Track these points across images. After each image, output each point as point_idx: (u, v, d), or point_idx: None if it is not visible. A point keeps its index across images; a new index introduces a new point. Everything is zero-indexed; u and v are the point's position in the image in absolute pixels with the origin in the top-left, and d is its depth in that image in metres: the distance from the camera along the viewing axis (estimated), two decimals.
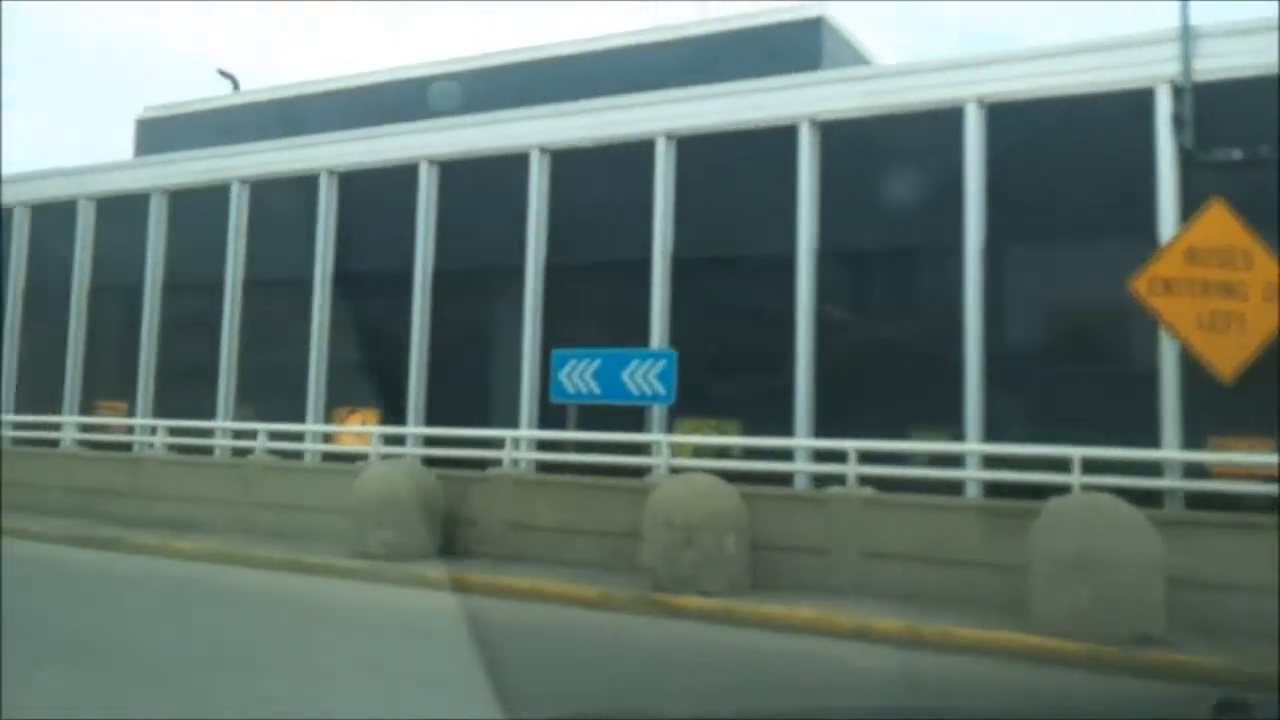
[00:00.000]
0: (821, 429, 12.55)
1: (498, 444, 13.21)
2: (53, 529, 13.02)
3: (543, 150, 14.72)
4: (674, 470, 10.67)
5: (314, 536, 12.03)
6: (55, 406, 17.68)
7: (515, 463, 11.99)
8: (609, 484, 11.08)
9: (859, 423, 12.46)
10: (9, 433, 17.10)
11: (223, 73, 29.35)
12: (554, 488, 11.21)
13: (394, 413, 15.08)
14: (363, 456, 12.49)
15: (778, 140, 13.48)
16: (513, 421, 14.14)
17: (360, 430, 13.87)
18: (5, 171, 19.54)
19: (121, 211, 18.10)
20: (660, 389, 10.93)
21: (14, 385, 18.67)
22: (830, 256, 12.98)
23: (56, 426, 16.22)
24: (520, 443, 12.15)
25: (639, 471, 11.95)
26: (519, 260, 14.58)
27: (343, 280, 16.09)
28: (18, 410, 18.24)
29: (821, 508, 9.88)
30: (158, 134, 22.19)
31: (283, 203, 16.92)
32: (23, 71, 58.74)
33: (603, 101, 14.69)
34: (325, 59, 55.42)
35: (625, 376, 11.10)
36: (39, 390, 18.52)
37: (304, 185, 16.42)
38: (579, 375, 11.37)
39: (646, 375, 10.97)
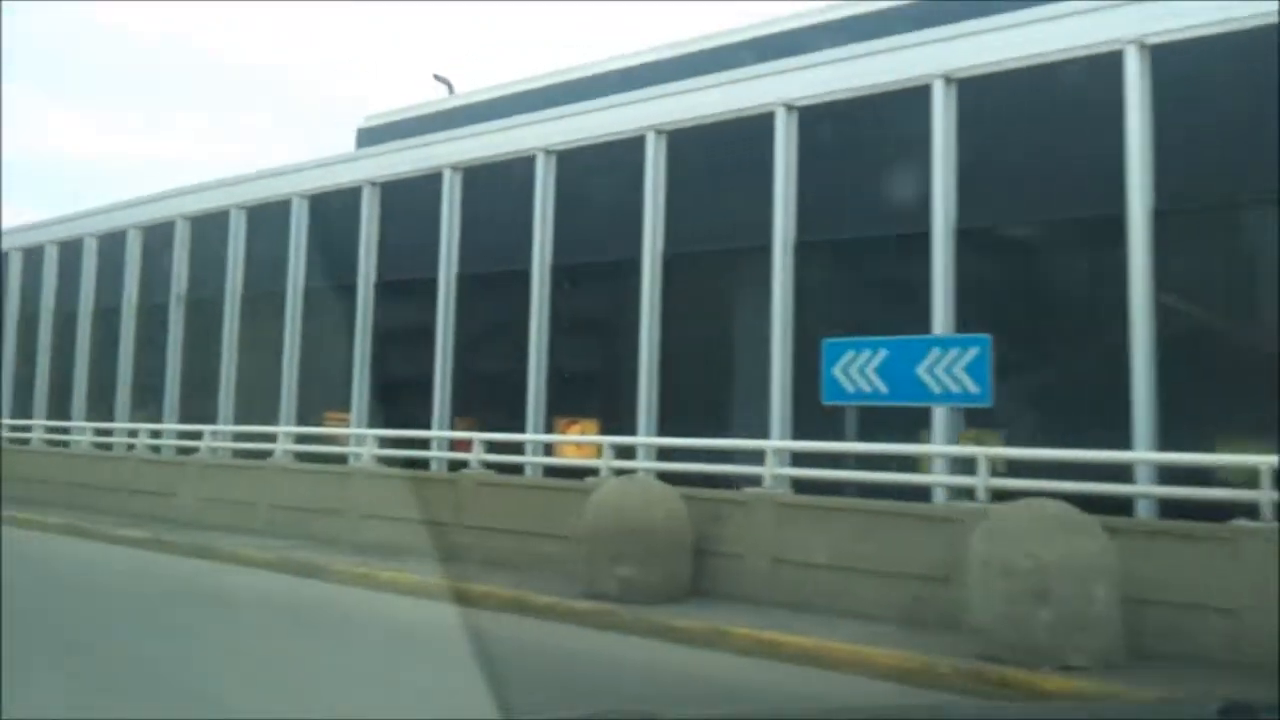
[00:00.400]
0: (1165, 439, 9.57)
1: (746, 456, 10.85)
2: (254, 551, 11.49)
3: (789, 108, 12.23)
4: (997, 494, 7.93)
5: (536, 566, 9.95)
6: (272, 416, 16.54)
7: (774, 481, 9.49)
8: (907, 510, 8.44)
9: (1213, 434, 9.48)
10: (225, 444, 16.00)
11: (438, 77, 28.46)
12: (832, 514, 8.66)
13: (621, 420, 12.96)
14: (592, 471, 10.32)
15: (1094, 73, 10.53)
16: (761, 428, 11.72)
17: (583, 440, 11.75)
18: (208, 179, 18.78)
19: (333, 208, 16.82)
20: (971, 385, 8.22)
21: (232, 394, 17.71)
22: (1176, 218, 9.94)
23: (272, 438, 14.86)
24: (777, 456, 9.64)
25: (932, 494, 9.32)
26: (764, 238, 12.13)
27: (563, 271, 14.10)
28: (236, 421, 17.26)
29: (1227, 548, 6.92)
30: (378, 141, 21.07)
31: (497, 188, 15.12)
32: (233, 90, 61.08)
33: (861, 47, 12.06)
34: (533, 58, 54.79)
35: (921, 371, 8.46)
36: (256, 399, 17.49)
37: (519, 168, 14.54)
38: (859, 370, 8.81)
39: (952, 368, 8.30)
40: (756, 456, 10.43)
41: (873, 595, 8.10)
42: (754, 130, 12.52)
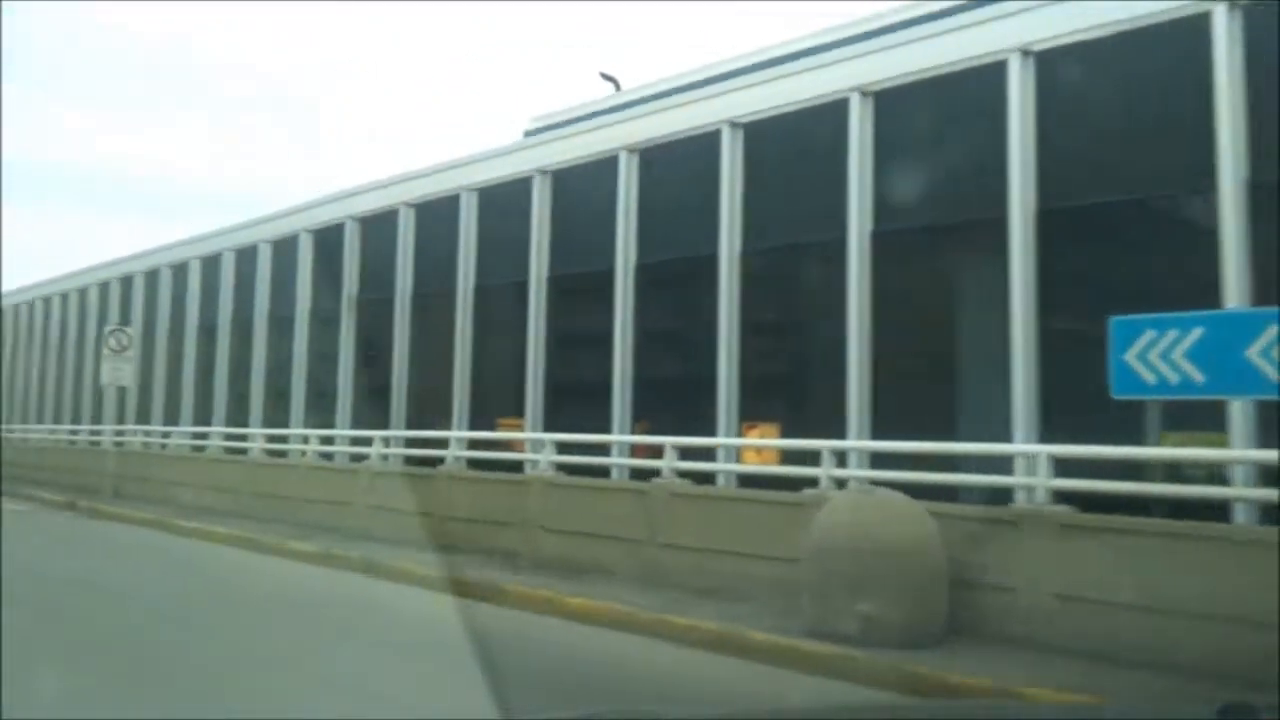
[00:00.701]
0: None
1: (986, 463, 8.91)
2: (420, 568, 10.15)
3: (1025, 53, 10.18)
4: None
5: (745, 594, 8.23)
6: (444, 421, 15.38)
7: (1048, 495, 7.47)
8: (1253, 536, 6.36)
9: None
10: (397, 450, 14.92)
11: (605, 75, 27.26)
12: (1138, 539, 6.61)
13: (821, 422, 11.15)
14: (809, 481, 8.52)
15: None
16: (999, 430, 9.72)
17: (773, 446, 9.95)
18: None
19: (503, 201, 15.58)
20: None
21: (404, 398, 16.68)
22: None
23: (443, 444, 13.59)
24: (1042, 463, 7.60)
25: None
26: (998, 208, 10.12)
27: (754, 257, 12.37)
28: (408, 426, 16.20)
29: None
30: None
31: (677, 170, 13.53)
32: (403, 97, 61.71)
33: None
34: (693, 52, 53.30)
35: (1253, 353, 6.36)
36: (428, 403, 16.42)
37: (703, 144, 12.89)
38: (1162, 355, 6.76)
39: None
40: (1003, 463, 8.55)
41: (1208, 647, 6.04)
42: (981, 84, 10.55)
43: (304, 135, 65.23)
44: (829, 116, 11.64)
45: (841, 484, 8.48)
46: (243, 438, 18.13)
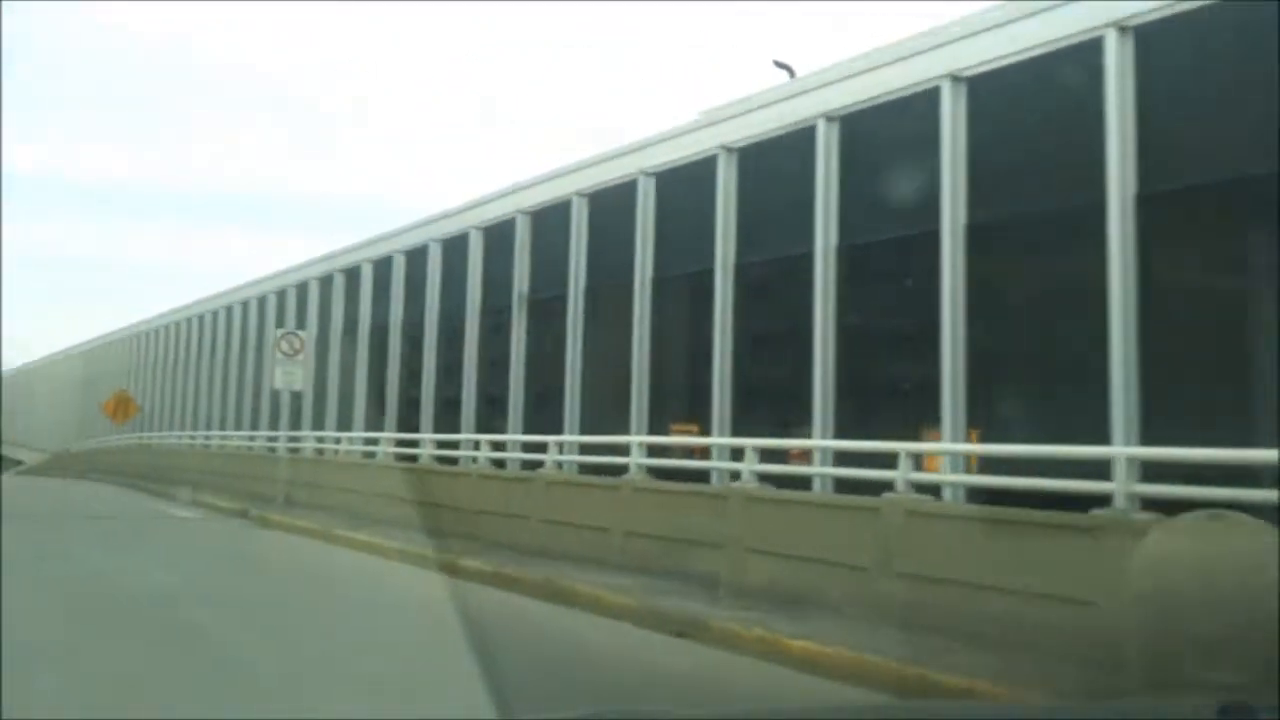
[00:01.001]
0: None
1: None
2: (608, 593, 8.71)
3: None
4: None
5: (1015, 643, 6.41)
6: (621, 427, 13.97)
7: None
8: None
9: None
10: (572, 457, 13.69)
11: (779, 63, 25.51)
12: None
13: (1069, 428, 9.23)
14: (1099, 499, 6.62)
15: None
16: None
17: (1055, 455, 8.01)
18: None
19: (683, 183, 14.11)
20: None
21: (578, 401, 15.40)
22: None
23: (622, 450, 12.19)
24: None
25: None
26: None
27: (983, 233, 10.45)
28: (583, 431, 14.91)
29: None
30: None
31: (887, 135, 11.75)
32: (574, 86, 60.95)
33: None
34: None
35: None
36: (604, 406, 15.10)
37: (916, 106, 11.06)
38: None
39: None
40: None
41: None
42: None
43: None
44: (1076, 61, 9.68)
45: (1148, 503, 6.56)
46: (413, 444, 17.33)
